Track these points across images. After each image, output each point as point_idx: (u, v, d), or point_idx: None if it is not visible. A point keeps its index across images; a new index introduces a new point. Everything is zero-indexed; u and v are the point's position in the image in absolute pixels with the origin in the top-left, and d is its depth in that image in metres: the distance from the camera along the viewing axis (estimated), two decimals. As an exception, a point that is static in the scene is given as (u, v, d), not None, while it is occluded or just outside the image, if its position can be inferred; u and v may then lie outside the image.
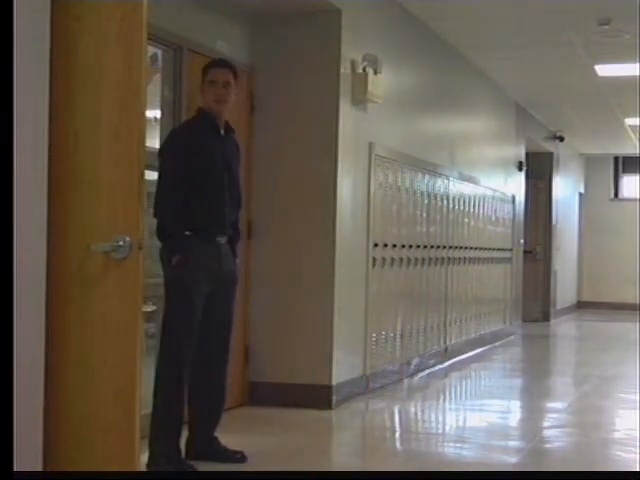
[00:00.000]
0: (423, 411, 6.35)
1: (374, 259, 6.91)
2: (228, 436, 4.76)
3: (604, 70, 9.80)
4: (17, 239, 3.50)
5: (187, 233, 4.40)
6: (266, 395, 6.20)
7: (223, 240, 4.59)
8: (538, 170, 13.82)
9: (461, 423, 6.44)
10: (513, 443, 5.42)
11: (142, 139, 3.72)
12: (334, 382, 6.20)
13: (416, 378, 7.75)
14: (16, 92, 3.49)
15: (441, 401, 7.25)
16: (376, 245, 6.95)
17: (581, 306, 16.80)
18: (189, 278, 4.37)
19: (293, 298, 6.26)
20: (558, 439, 5.57)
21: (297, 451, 5.10)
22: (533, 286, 13.62)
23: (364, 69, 6.52)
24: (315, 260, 6.25)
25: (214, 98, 4.55)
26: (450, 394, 7.34)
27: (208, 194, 4.47)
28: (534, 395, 7.55)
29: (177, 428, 4.41)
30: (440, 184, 8.53)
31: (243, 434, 5.30)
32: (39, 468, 3.68)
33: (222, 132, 4.62)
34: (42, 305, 3.72)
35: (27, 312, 3.60)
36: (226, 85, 4.57)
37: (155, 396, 4.39)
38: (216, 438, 4.69)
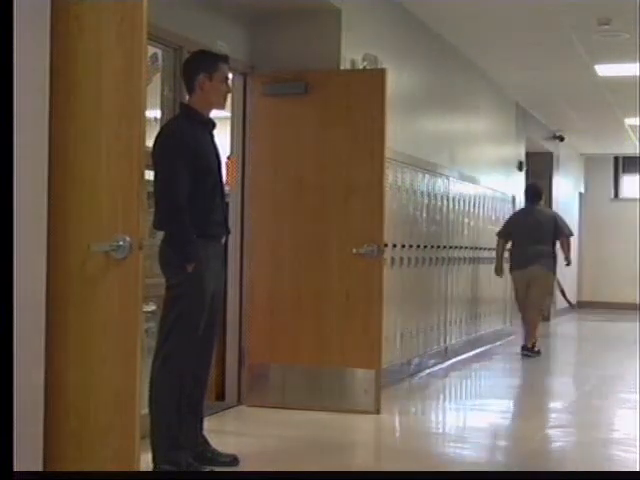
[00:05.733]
0: (423, 411, 6.34)
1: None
2: (225, 436, 4.75)
3: (604, 70, 9.80)
4: (17, 239, 3.50)
5: (198, 237, 4.23)
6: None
7: (224, 240, 4.57)
8: (538, 170, 13.81)
9: (461, 423, 6.44)
10: (513, 443, 5.42)
11: (142, 139, 3.71)
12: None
13: (416, 378, 7.74)
14: (16, 92, 3.49)
15: (441, 401, 7.25)
16: (376, 245, 6.93)
17: (581, 306, 16.78)
18: (202, 283, 4.26)
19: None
20: (558, 439, 5.57)
21: (295, 451, 5.10)
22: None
23: (364, 69, 6.52)
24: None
25: (225, 96, 4.45)
26: (450, 394, 7.33)
27: (212, 196, 4.36)
28: (534, 395, 7.55)
29: (179, 426, 4.32)
30: (440, 184, 8.53)
31: (239, 434, 5.30)
32: (39, 468, 3.68)
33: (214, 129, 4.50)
34: (42, 305, 3.72)
35: (27, 312, 3.60)
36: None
37: (157, 396, 4.26)
38: (206, 440, 4.56)
